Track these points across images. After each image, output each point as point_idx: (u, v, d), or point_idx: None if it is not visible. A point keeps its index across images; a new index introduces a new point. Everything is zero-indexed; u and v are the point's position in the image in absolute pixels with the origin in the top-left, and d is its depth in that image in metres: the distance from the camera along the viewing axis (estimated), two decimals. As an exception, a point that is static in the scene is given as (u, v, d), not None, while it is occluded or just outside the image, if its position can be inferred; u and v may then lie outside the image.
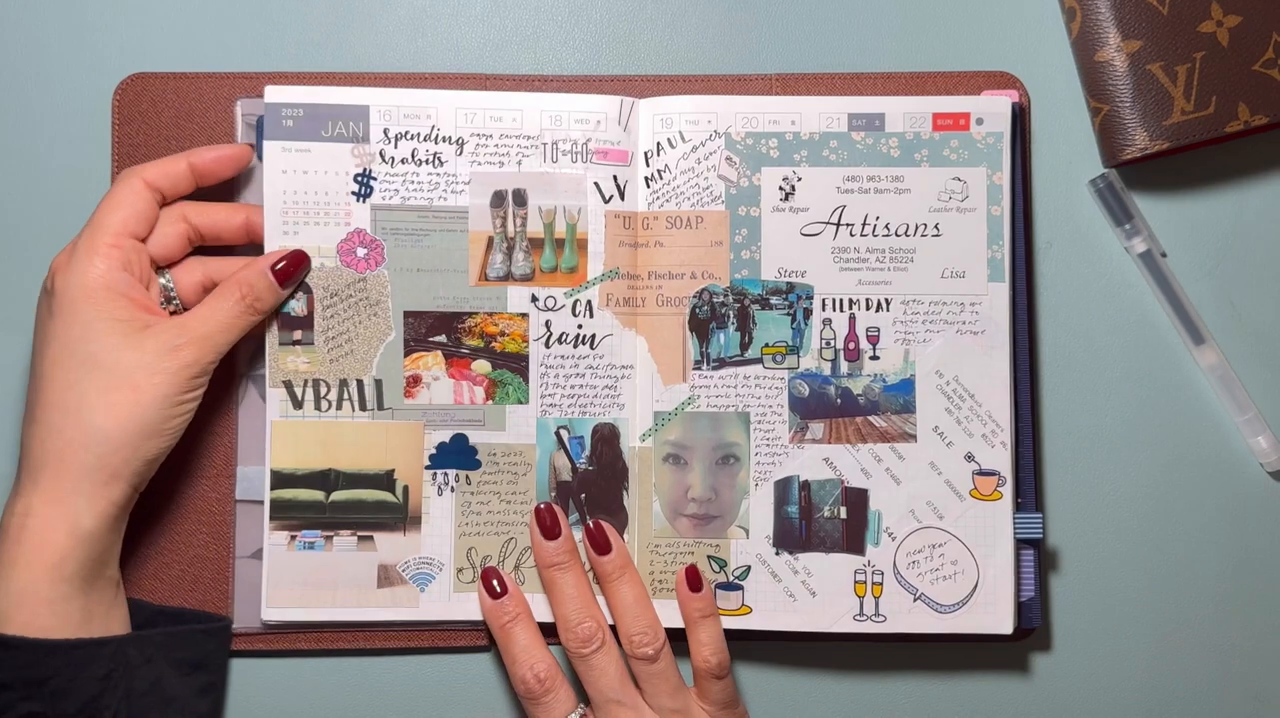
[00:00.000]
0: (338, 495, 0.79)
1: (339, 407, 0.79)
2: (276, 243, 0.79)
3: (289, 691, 0.82)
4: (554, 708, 0.76)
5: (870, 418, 0.80)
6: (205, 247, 0.79)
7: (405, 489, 0.79)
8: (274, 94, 0.79)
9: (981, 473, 0.79)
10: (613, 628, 0.78)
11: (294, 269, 0.78)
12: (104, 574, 0.74)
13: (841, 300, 0.80)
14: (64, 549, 0.71)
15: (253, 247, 0.79)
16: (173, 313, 0.77)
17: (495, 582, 0.79)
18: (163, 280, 0.77)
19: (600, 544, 0.78)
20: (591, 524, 0.79)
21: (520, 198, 0.80)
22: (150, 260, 0.76)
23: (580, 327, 0.80)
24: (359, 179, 0.79)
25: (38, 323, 0.75)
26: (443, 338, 0.80)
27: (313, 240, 0.79)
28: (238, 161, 0.78)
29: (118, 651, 0.73)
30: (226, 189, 0.80)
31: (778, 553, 0.79)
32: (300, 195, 0.79)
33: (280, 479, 0.79)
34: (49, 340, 0.73)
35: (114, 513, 0.73)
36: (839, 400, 0.80)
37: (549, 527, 0.78)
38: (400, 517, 0.79)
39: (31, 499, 0.72)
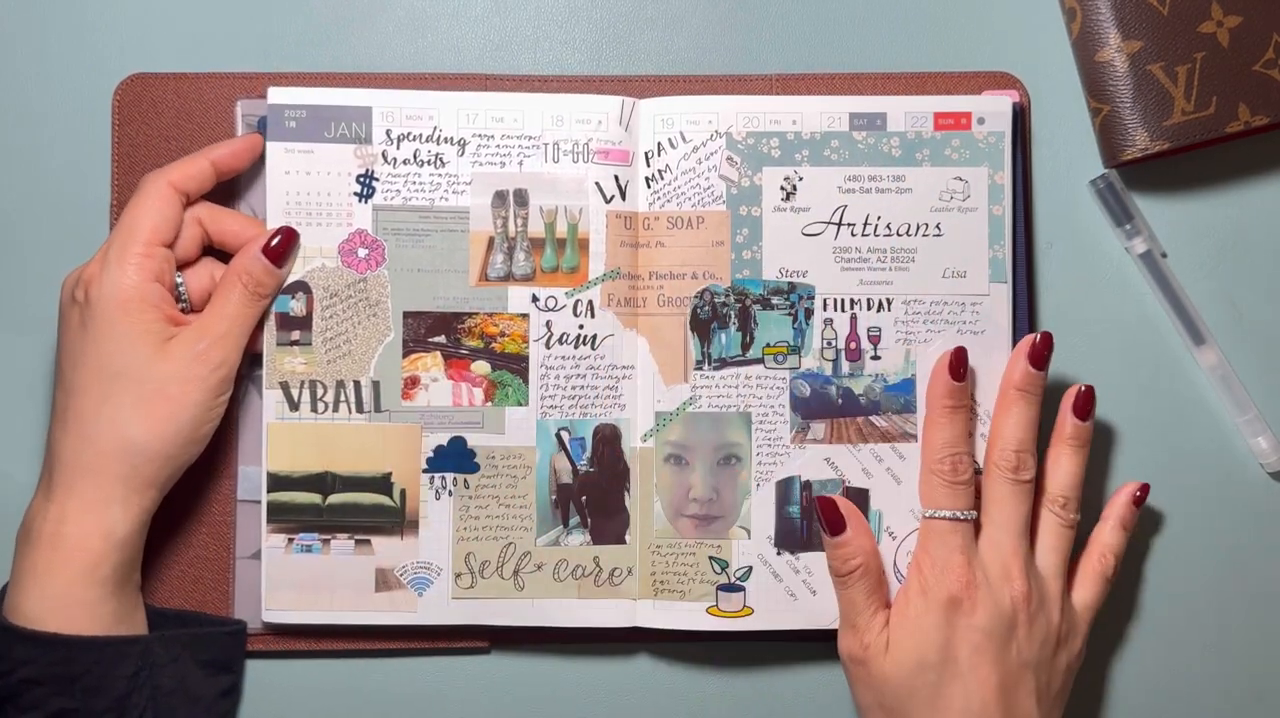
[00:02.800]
0: (334, 498, 0.79)
1: (336, 408, 0.79)
2: (277, 243, 0.79)
3: (289, 691, 0.81)
4: None
5: (871, 418, 0.80)
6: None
7: (403, 493, 0.79)
8: (277, 95, 0.79)
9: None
10: None
11: (285, 247, 0.77)
12: (132, 578, 0.75)
13: (843, 300, 0.80)
14: (100, 554, 0.72)
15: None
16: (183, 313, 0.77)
17: None
18: (177, 280, 0.77)
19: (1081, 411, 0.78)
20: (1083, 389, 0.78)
21: (521, 198, 0.79)
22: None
23: (581, 327, 0.80)
24: (361, 180, 0.79)
25: (66, 332, 0.74)
26: (442, 338, 0.79)
27: (314, 241, 0.79)
28: (254, 152, 0.78)
29: (146, 649, 0.74)
30: (229, 189, 0.80)
31: (779, 553, 0.79)
32: (302, 196, 0.79)
33: (277, 482, 0.79)
34: (80, 353, 0.73)
35: (145, 519, 0.74)
36: (840, 400, 0.80)
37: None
38: (398, 520, 0.79)
39: (66, 507, 0.72)
